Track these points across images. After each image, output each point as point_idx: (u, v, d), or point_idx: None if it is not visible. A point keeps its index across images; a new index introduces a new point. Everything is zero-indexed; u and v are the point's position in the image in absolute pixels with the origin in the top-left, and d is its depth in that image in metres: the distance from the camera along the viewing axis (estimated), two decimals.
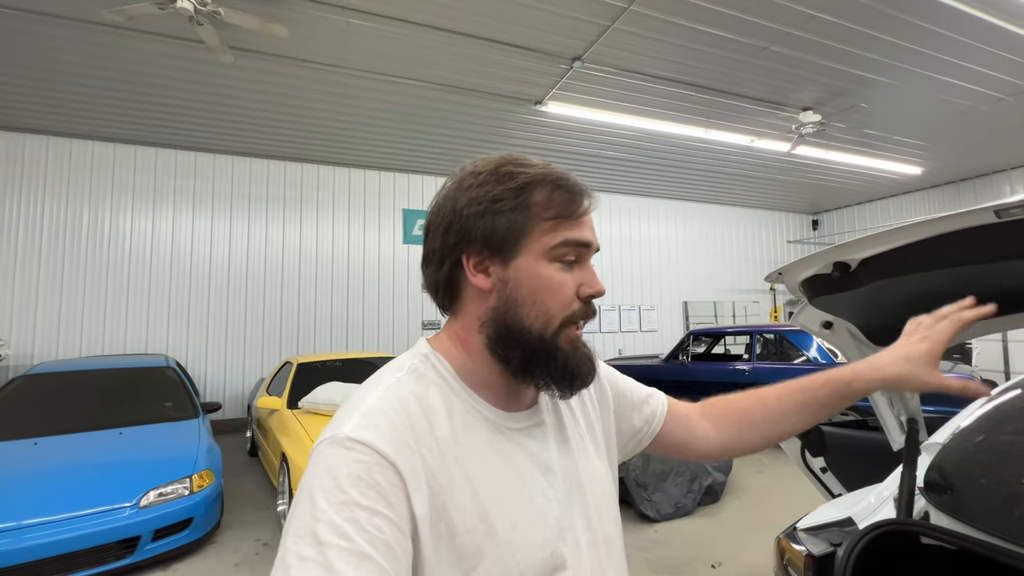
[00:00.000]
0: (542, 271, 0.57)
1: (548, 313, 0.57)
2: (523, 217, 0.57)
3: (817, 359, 5.25)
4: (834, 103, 5.64)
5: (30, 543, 2.59)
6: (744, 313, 10.77)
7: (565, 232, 0.57)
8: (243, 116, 5.76)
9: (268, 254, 7.08)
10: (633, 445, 0.79)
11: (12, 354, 5.75)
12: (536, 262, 0.57)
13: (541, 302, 0.56)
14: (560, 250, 0.57)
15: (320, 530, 0.42)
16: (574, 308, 0.58)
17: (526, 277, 0.57)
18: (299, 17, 3.92)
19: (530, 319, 0.56)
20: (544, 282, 0.57)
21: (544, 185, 0.58)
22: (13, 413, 3.63)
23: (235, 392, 6.70)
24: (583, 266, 0.60)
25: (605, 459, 0.70)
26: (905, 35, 4.35)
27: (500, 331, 0.57)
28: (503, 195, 0.57)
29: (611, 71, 4.89)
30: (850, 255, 0.95)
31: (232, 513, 3.78)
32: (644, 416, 0.79)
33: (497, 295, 0.58)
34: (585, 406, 0.72)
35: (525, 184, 0.57)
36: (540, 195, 0.57)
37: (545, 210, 0.57)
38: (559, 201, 0.58)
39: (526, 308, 0.56)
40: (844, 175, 8.64)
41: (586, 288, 0.59)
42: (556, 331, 0.57)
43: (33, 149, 6.07)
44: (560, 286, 0.57)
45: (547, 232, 0.57)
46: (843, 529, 1.30)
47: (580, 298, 0.59)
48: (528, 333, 0.56)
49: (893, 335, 1.23)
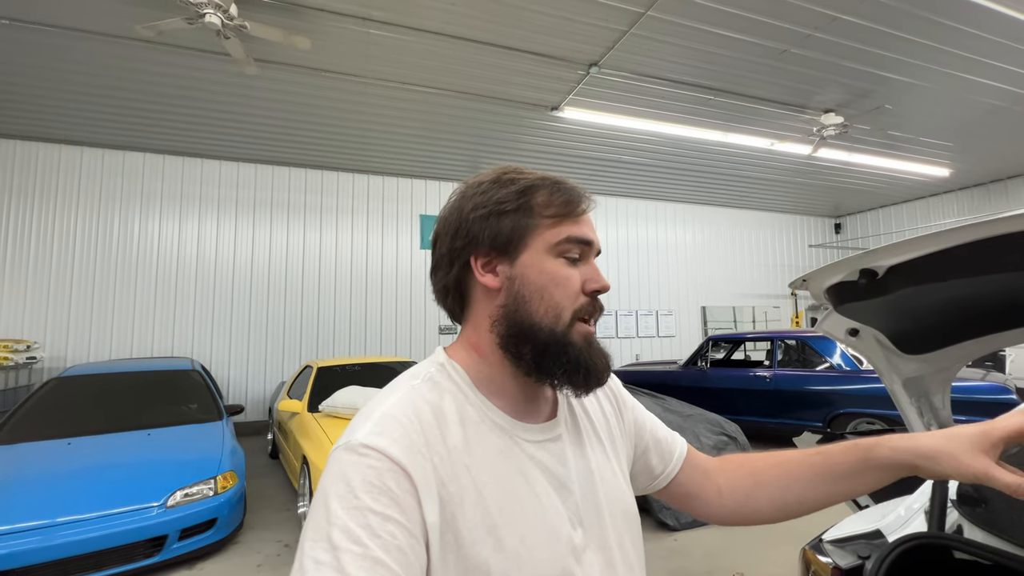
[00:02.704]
0: (548, 266, 0.59)
1: (558, 307, 0.58)
2: (526, 217, 0.59)
3: (841, 366, 5.12)
4: (857, 105, 5.53)
5: (62, 540, 2.67)
6: (764, 319, 10.57)
7: (568, 229, 0.60)
8: (266, 125, 5.91)
9: (289, 259, 7.22)
10: (644, 483, 0.75)
11: (47, 356, 5.97)
12: (542, 258, 0.59)
13: (549, 296, 0.58)
14: (564, 246, 0.59)
15: (335, 535, 0.43)
16: (582, 302, 0.59)
17: (533, 272, 0.59)
18: (321, 29, 4.02)
19: (539, 314, 0.57)
20: (550, 276, 0.58)
21: (544, 188, 0.61)
22: (48, 414, 3.77)
23: (257, 395, 6.84)
24: (587, 263, 0.62)
25: (625, 477, 0.69)
26: (930, 34, 4.25)
27: (511, 328, 0.58)
28: (506, 198, 0.59)
29: (628, 76, 4.88)
30: (877, 262, 0.93)
31: (254, 514, 3.85)
32: (662, 456, 0.76)
33: (506, 293, 0.59)
34: (608, 422, 0.71)
35: (526, 188, 0.60)
36: (541, 196, 0.60)
37: (546, 209, 0.60)
38: (559, 201, 0.60)
39: (535, 303, 0.58)
40: (868, 177, 8.44)
41: (591, 283, 0.60)
42: (568, 325, 0.58)
43: (68, 160, 6.32)
44: (567, 279, 0.59)
45: (550, 229, 0.59)
46: (871, 542, 1.27)
47: (586, 293, 0.60)
48: (539, 328, 0.57)
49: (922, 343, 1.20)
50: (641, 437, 0.76)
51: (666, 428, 0.80)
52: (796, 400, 5.26)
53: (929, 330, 1.14)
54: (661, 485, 0.76)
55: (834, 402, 4.97)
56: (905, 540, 1.06)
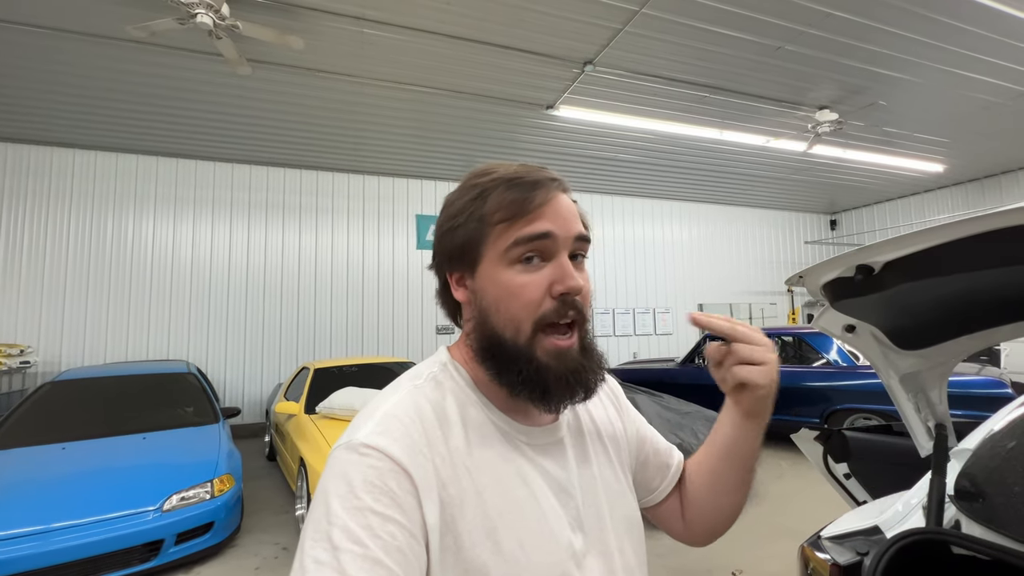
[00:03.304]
0: (500, 276, 0.55)
1: (515, 319, 0.54)
2: (477, 225, 0.56)
3: (837, 362, 5.14)
4: (852, 101, 5.55)
5: (57, 546, 2.65)
6: (761, 315, 10.61)
7: (518, 230, 0.54)
8: (260, 126, 5.88)
9: (285, 261, 7.19)
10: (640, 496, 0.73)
11: (40, 361, 5.93)
12: (494, 268, 0.56)
13: (505, 308, 0.55)
14: (514, 251, 0.54)
15: (335, 535, 0.43)
16: (544, 309, 0.54)
17: (488, 284, 0.56)
18: (315, 28, 4.00)
19: (500, 327, 0.55)
20: (504, 287, 0.55)
21: (497, 189, 0.56)
22: (42, 418, 3.74)
23: (254, 397, 6.81)
24: (555, 261, 0.55)
25: (628, 483, 0.68)
26: (924, 31, 4.26)
27: (480, 341, 0.57)
28: (462, 208, 0.57)
29: (623, 74, 4.88)
30: (873, 258, 0.93)
31: (251, 517, 3.83)
32: (660, 469, 0.75)
33: (473, 307, 0.58)
34: (613, 428, 0.70)
35: (481, 192, 0.57)
36: (493, 200, 0.56)
37: (496, 214, 0.55)
38: (509, 201, 0.55)
39: (494, 317, 0.55)
40: (863, 174, 8.47)
41: (557, 285, 0.54)
42: (530, 338, 0.54)
43: (60, 162, 6.27)
44: (521, 288, 0.54)
45: (500, 235, 0.55)
46: (870, 538, 1.27)
47: (553, 297, 0.54)
48: (502, 341, 0.55)
49: (918, 338, 1.20)
50: (642, 448, 0.75)
51: (664, 441, 0.79)
52: (793, 396, 5.27)
53: (925, 326, 1.14)
54: (656, 500, 0.75)
55: (831, 398, 4.99)
56: (903, 536, 1.06)
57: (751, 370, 0.57)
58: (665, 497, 0.75)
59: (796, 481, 4.40)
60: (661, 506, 0.75)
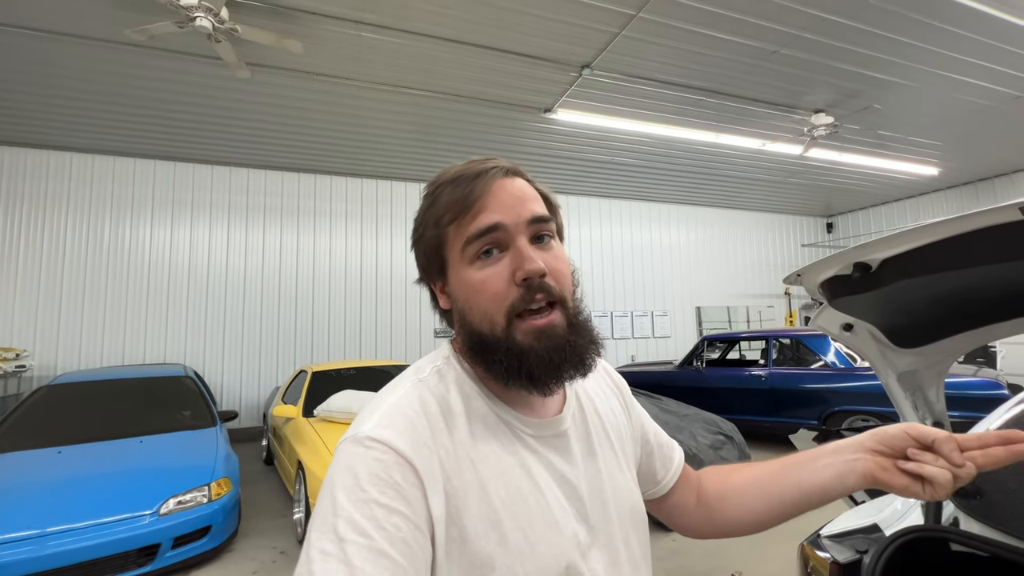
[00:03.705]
0: (464, 276, 0.56)
1: (487, 313, 0.55)
2: (434, 232, 0.58)
3: (835, 364, 5.15)
4: (847, 105, 5.59)
5: (53, 550, 2.63)
6: (759, 318, 10.63)
7: (465, 228, 0.55)
8: (259, 129, 5.88)
9: (283, 264, 7.18)
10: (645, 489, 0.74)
11: (36, 364, 5.89)
12: (458, 270, 0.57)
13: (476, 305, 0.56)
14: (469, 249, 0.55)
15: (340, 527, 0.43)
16: (512, 299, 0.54)
17: (457, 286, 0.58)
18: (313, 32, 4.01)
19: (477, 323, 0.56)
20: (469, 286, 0.56)
21: (444, 190, 0.57)
22: (37, 422, 3.71)
23: (251, 401, 6.78)
24: (513, 248, 0.55)
25: (633, 475, 0.68)
26: (917, 35, 4.31)
27: (466, 341, 0.58)
28: (421, 219, 0.59)
29: (620, 78, 4.91)
30: (870, 255, 0.94)
31: (249, 521, 3.81)
32: (664, 462, 0.76)
33: (454, 310, 0.60)
34: (618, 420, 0.71)
35: (432, 200, 0.58)
36: (442, 202, 0.57)
37: (445, 215, 0.56)
38: (452, 201, 0.56)
39: (470, 314, 0.57)
40: (858, 177, 8.53)
41: (518, 272, 0.54)
42: (506, 328, 0.54)
43: (58, 165, 6.25)
44: (483, 283, 0.55)
45: (455, 236, 0.56)
46: (869, 536, 1.28)
47: (517, 284, 0.54)
48: (483, 336, 0.56)
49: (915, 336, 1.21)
50: (647, 441, 0.75)
51: (666, 435, 0.80)
52: (791, 398, 5.28)
53: (922, 323, 1.15)
54: (661, 492, 0.76)
55: (829, 400, 5.00)
56: (902, 533, 1.06)
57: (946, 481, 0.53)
58: (670, 490, 0.76)
59: None
60: (667, 500, 0.76)
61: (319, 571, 0.42)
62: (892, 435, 0.59)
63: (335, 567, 0.41)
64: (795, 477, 0.65)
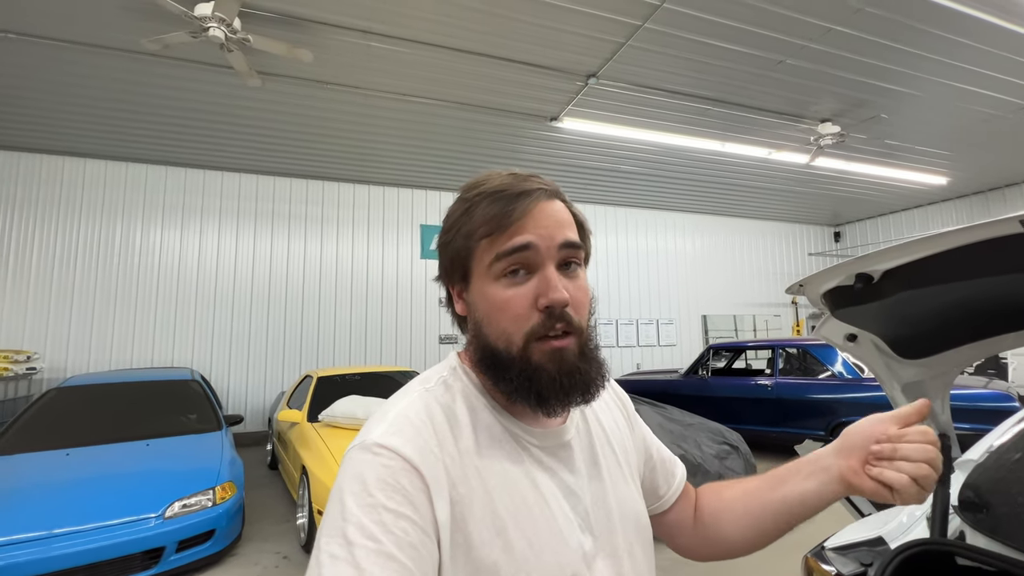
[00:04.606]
0: (488, 291, 0.56)
1: (505, 332, 0.55)
2: (465, 241, 0.57)
3: (842, 374, 5.11)
4: (853, 114, 5.59)
5: (59, 552, 2.64)
6: (765, 327, 10.56)
7: (499, 245, 0.55)
8: (268, 136, 5.96)
9: (290, 270, 7.24)
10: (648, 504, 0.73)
11: (46, 367, 5.96)
12: (482, 283, 0.57)
13: (496, 322, 0.56)
14: (497, 266, 0.55)
15: (349, 531, 0.44)
16: (532, 323, 0.54)
17: (479, 299, 0.58)
18: (323, 42, 4.08)
19: (493, 338, 0.56)
20: (491, 302, 0.56)
21: (482, 202, 0.56)
22: (47, 424, 3.75)
23: (257, 405, 6.81)
24: (540, 274, 0.55)
25: (637, 487, 0.68)
26: (924, 45, 4.31)
27: (478, 352, 0.59)
28: (453, 224, 0.59)
29: (626, 87, 4.94)
30: (872, 266, 0.94)
31: (253, 525, 3.81)
32: (666, 477, 0.76)
33: (469, 319, 0.60)
34: (621, 433, 0.71)
35: (467, 208, 0.58)
36: (478, 215, 0.56)
37: (480, 228, 0.56)
38: (490, 216, 0.55)
39: (487, 329, 0.57)
40: (866, 186, 8.49)
41: (541, 299, 0.54)
42: (523, 347, 0.54)
43: (71, 172, 6.37)
44: (506, 303, 0.54)
45: (485, 251, 0.56)
46: (873, 549, 1.27)
47: (540, 310, 0.54)
48: (497, 352, 0.56)
49: (920, 347, 1.21)
50: (650, 456, 0.76)
51: (668, 450, 0.80)
52: (798, 408, 5.23)
53: (927, 334, 1.14)
54: (662, 508, 0.75)
55: (836, 410, 4.95)
56: (907, 547, 1.05)
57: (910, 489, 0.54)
58: (671, 506, 0.75)
59: None
60: (667, 516, 0.76)
61: (328, 574, 0.42)
62: (854, 435, 0.60)
63: (344, 570, 0.42)
64: (780, 493, 0.65)
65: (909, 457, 0.55)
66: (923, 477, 0.54)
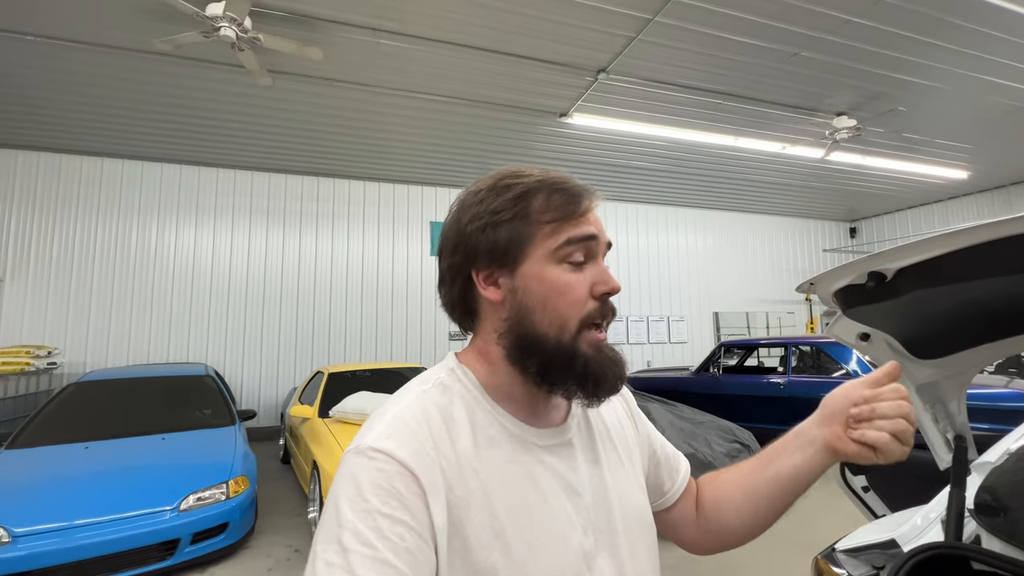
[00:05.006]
0: (549, 274, 0.56)
1: (562, 317, 0.55)
2: (523, 224, 0.57)
3: (857, 372, 5.02)
4: (870, 107, 5.47)
5: (80, 542, 2.72)
6: (778, 324, 10.43)
7: (568, 231, 0.57)
8: (279, 135, 6.01)
9: (301, 266, 7.32)
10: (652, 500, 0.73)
11: (66, 362, 6.10)
12: (542, 266, 0.56)
13: (552, 306, 0.55)
14: (565, 250, 0.56)
15: (345, 537, 0.44)
16: (589, 308, 0.56)
17: (534, 283, 0.56)
18: (333, 40, 4.10)
19: (544, 325, 0.55)
20: (552, 285, 0.56)
21: (541, 191, 0.58)
22: (67, 418, 3.85)
23: (269, 400, 6.91)
24: (595, 264, 0.58)
25: (640, 484, 0.68)
26: (944, 35, 4.19)
27: (517, 341, 0.57)
28: (502, 206, 0.57)
29: (637, 82, 4.89)
30: (885, 264, 0.91)
31: (265, 519, 3.87)
32: (670, 473, 0.75)
33: (509, 305, 0.57)
34: (624, 429, 0.70)
35: (523, 193, 0.58)
36: (538, 201, 0.58)
37: (544, 214, 0.57)
38: (557, 204, 0.57)
39: (538, 314, 0.56)
40: (883, 181, 8.32)
41: (600, 286, 0.57)
42: (574, 335, 0.55)
43: (89, 170, 6.50)
44: (569, 287, 0.56)
45: (549, 235, 0.57)
46: (886, 551, 1.24)
47: (595, 297, 0.57)
48: (544, 339, 0.55)
49: (935, 347, 1.18)
50: (654, 451, 0.75)
51: (672, 446, 0.79)
52: (811, 407, 5.10)
53: (943, 334, 1.12)
54: (667, 504, 0.75)
55: None
56: (921, 550, 1.03)
57: (892, 445, 0.56)
58: (676, 502, 0.75)
59: (813, 493, 4.23)
60: (672, 511, 0.75)
61: None
62: (833, 403, 0.63)
63: None
64: (772, 471, 0.66)
65: (886, 415, 0.57)
66: (901, 432, 0.56)
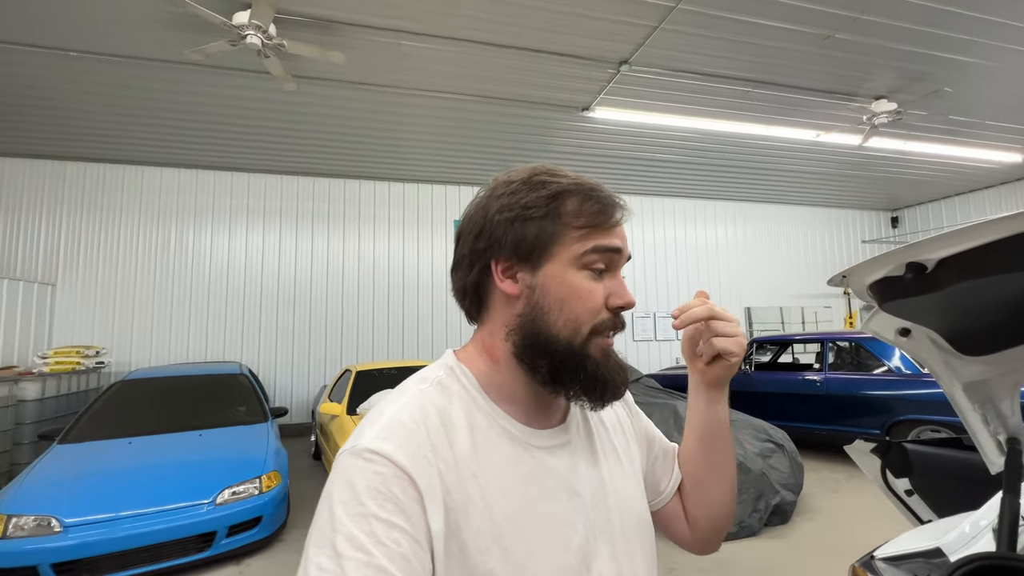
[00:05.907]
0: (570, 278, 0.56)
1: (576, 320, 0.55)
2: (553, 225, 0.56)
3: (900, 369, 4.78)
4: (912, 89, 5.17)
5: (125, 533, 2.86)
6: (815, 319, 10.03)
7: (596, 239, 0.57)
8: (305, 138, 6.16)
9: (330, 267, 7.49)
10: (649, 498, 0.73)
11: (113, 361, 6.44)
12: (565, 269, 0.56)
13: (569, 309, 0.55)
14: (590, 257, 0.56)
15: (338, 542, 0.43)
16: (603, 317, 0.57)
17: (554, 284, 0.56)
18: (355, 43, 4.15)
19: (557, 327, 0.55)
20: (572, 289, 0.56)
21: (576, 195, 0.58)
22: (113, 414, 4.05)
23: (301, 398, 7.11)
24: (613, 276, 0.59)
25: (639, 485, 0.67)
26: (991, 8, 3.92)
27: (527, 339, 0.56)
28: (535, 203, 0.57)
29: (661, 72, 4.77)
30: (925, 255, 0.85)
31: (298, 513, 3.98)
32: (667, 470, 0.74)
33: (524, 302, 0.57)
34: (623, 429, 0.70)
35: (557, 193, 0.57)
36: (572, 204, 0.57)
37: (576, 218, 0.57)
38: (590, 211, 0.57)
39: (553, 315, 0.55)
40: (927, 167, 7.87)
41: (615, 299, 0.58)
42: (585, 339, 0.56)
43: (130, 178, 6.82)
44: (589, 293, 0.56)
45: (577, 240, 0.56)
46: (930, 561, 1.17)
47: (609, 309, 0.57)
48: (556, 341, 0.55)
49: (984, 342, 1.09)
50: (652, 449, 0.74)
51: (670, 443, 0.78)
52: (850, 406, 4.94)
53: (992, 328, 1.03)
54: (663, 502, 0.73)
55: (893, 408, 4.64)
56: (969, 560, 0.96)
57: (727, 341, 0.62)
58: (670, 499, 0.74)
59: (853, 496, 4.12)
60: (667, 509, 0.74)
61: None
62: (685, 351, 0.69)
63: None
64: (692, 429, 0.72)
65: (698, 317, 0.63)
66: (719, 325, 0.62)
